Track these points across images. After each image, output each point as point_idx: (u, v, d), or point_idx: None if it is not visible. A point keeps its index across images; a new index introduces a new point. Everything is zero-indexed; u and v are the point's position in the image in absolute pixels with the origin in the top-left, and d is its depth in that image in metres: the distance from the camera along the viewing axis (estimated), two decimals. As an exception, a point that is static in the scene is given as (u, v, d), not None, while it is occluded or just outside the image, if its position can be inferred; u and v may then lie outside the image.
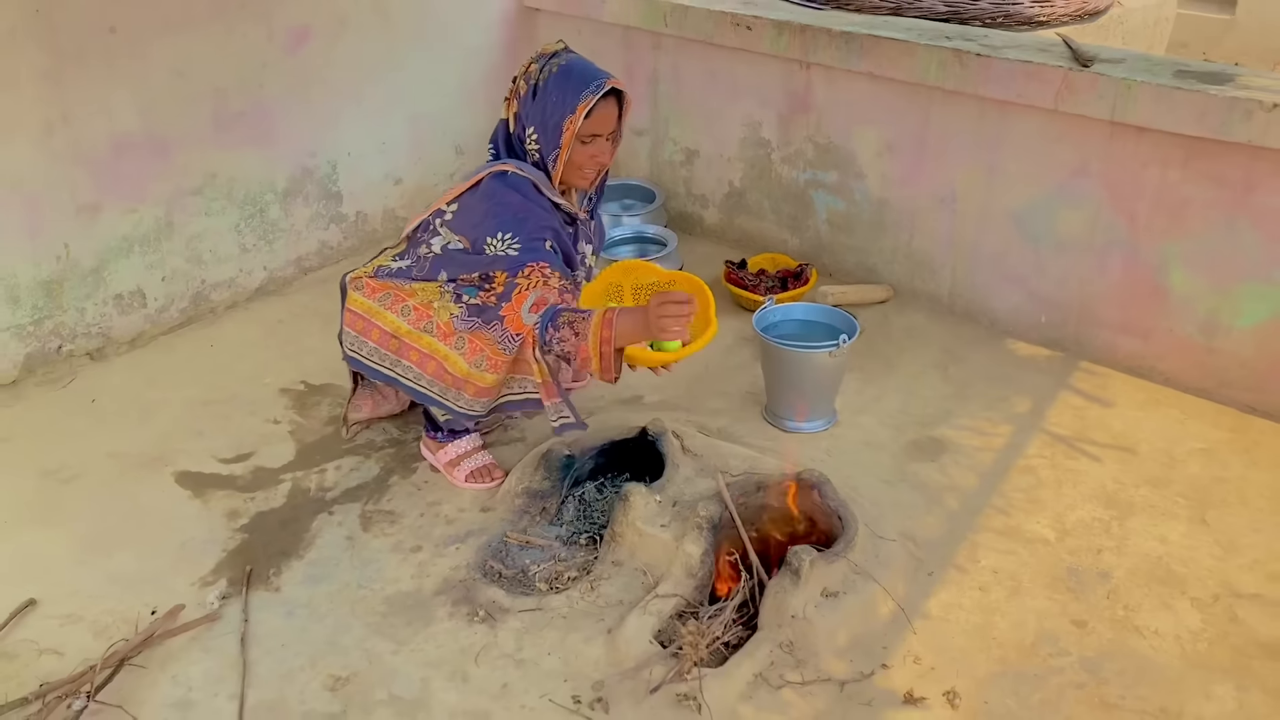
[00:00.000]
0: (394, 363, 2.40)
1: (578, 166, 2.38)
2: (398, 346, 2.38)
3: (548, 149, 2.34)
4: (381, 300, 2.40)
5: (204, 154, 3.21)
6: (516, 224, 2.30)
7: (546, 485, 2.50)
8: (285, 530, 2.45)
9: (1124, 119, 2.76)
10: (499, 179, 2.36)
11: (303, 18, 3.34)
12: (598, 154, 2.37)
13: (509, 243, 2.28)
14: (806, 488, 2.35)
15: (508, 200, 2.32)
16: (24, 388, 2.96)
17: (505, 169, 2.36)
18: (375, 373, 2.45)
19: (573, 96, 2.28)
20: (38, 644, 2.11)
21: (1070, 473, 2.62)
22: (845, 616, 2.11)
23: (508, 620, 2.16)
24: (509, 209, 2.31)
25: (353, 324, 2.44)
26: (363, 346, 2.44)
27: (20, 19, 2.72)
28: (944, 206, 3.25)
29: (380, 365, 2.43)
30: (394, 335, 2.37)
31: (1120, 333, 3.01)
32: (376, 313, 2.40)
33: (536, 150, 2.36)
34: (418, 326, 2.35)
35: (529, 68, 2.36)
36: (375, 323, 2.40)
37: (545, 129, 2.32)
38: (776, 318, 2.86)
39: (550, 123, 2.31)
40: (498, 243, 2.29)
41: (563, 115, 2.29)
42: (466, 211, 2.38)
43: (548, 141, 2.33)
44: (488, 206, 2.34)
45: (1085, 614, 2.19)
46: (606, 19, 3.83)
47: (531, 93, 2.33)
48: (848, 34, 3.22)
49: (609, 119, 2.36)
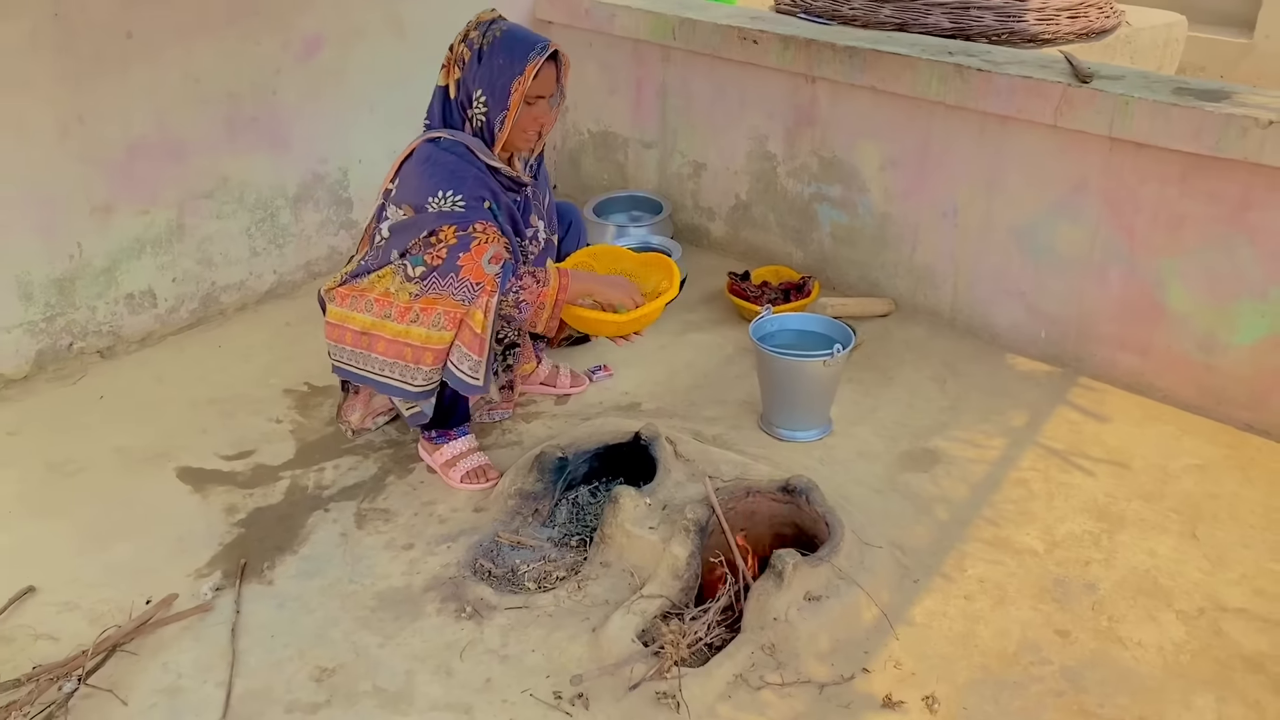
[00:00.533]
0: (365, 360, 2.45)
1: (522, 129, 2.47)
2: (368, 342, 2.44)
3: (495, 111, 2.42)
4: (351, 305, 2.46)
5: (217, 158, 3.28)
6: (456, 182, 2.39)
7: (539, 487, 2.53)
8: (281, 526, 2.49)
9: (1122, 135, 2.78)
10: (432, 144, 2.46)
11: (317, 26, 3.41)
12: (540, 115, 2.47)
13: (453, 200, 2.38)
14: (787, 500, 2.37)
15: (443, 160, 2.42)
16: (35, 383, 3.03)
17: (438, 135, 2.47)
18: (355, 375, 2.51)
19: (520, 59, 2.38)
20: (34, 629, 2.15)
21: (1062, 486, 2.63)
22: (827, 620, 2.12)
23: (494, 617, 2.19)
24: (445, 168, 2.41)
25: (330, 334, 2.51)
26: (341, 353, 2.50)
27: (40, 23, 2.79)
28: (945, 221, 3.27)
29: (355, 366, 2.49)
30: (364, 333, 2.44)
31: (1119, 349, 3.02)
32: (348, 317, 2.47)
33: (483, 114, 2.44)
34: (380, 316, 2.41)
35: (468, 34, 2.46)
36: (348, 327, 2.47)
37: (493, 91, 2.41)
38: (773, 327, 2.88)
39: (498, 84, 2.40)
40: (440, 200, 2.38)
41: (511, 77, 2.38)
42: (405, 179, 2.47)
43: (495, 104, 2.41)
44: (424, 169, 2.43)
45: (1069, 624, 2.19)
46: (617, 32, 3.88)
47: (476, 57, 2.42)
48: (852, 49, 3.25)
49: (551, 80, 2.47)
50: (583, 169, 4.31)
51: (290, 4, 3.31)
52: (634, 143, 4.07)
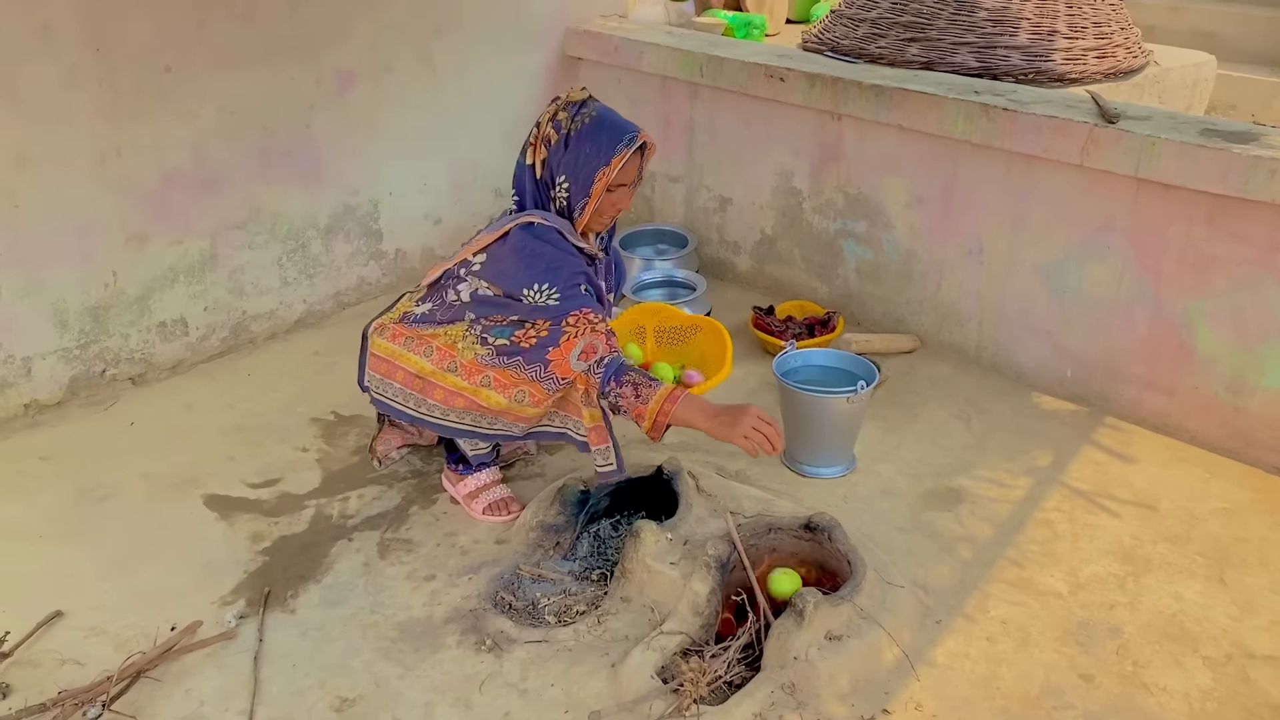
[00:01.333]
0: (419, 402, 2.44)
1: (601, 214, 2.43)
2: (422, 386, 2.42)
3: (577, 197, 2.38)
4: (406, 344, 2.45)
5: (250, 189, 3.34)
6: (552, 274, 2.33)
7: (561, 520, 2.54)
8: (305, 555, 2.51)
9: (1149, 175, 2.78)
10: (526, 230, 2.38)
11: (350, 62, 3.47)
12: (619, 201, 2.43)
13: (548, 293, 2.32)
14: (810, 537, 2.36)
15: (539, 251, 2.35)
16: (68, 409, 3.08)
17: (532, 220, 2.39)
18: (401, 413, 2.49)
19: (607, 149, 2.33)
20: (60, 654, 2.18)
21: (1088, 527, 2.61)
22: (848, 660, 2.11)
23: (514, 650, 2.19)
24: (542, 259, 2.34)
25: (377, 368, 2.50)
26: (388, 389, 2.49)
27: (82, 57, 2.86)
28: (971, 258, 3.27)
29: (405, 406, 2.48)
30: (418, 376, 2.42)
31: (1145, 389, 3.00)
32: (400, 355, 2.45)
33: (565, 198, 2.40)
34: (442, 366, 2.39)
35: (557, 115, 2.39)
36: (399, 365, 2.45)
37: (577, 178, 2.36)
38: (797, 363, 2.89)
39: (583, 173, 2.35)
40: (535, 294, 2.33)
41: (596, 166, 2.34)
42: (496, 262, 2.41)
43: (578, 190, 2.37)
44: (519, 259, 2.36)
45: (1093, 668, 2.17)
46: (645, 69, 3.93)
47: (564, 142, 2.36)
48: (878, 87, 3.27)
49: (634, 168, 2.42)
50: (610, 202, 4.35)
51: (325, 40, 3.38)
52: (661, 177, 4.11)
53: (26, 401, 3.03)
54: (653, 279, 3.68)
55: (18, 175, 2.84)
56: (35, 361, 3.01)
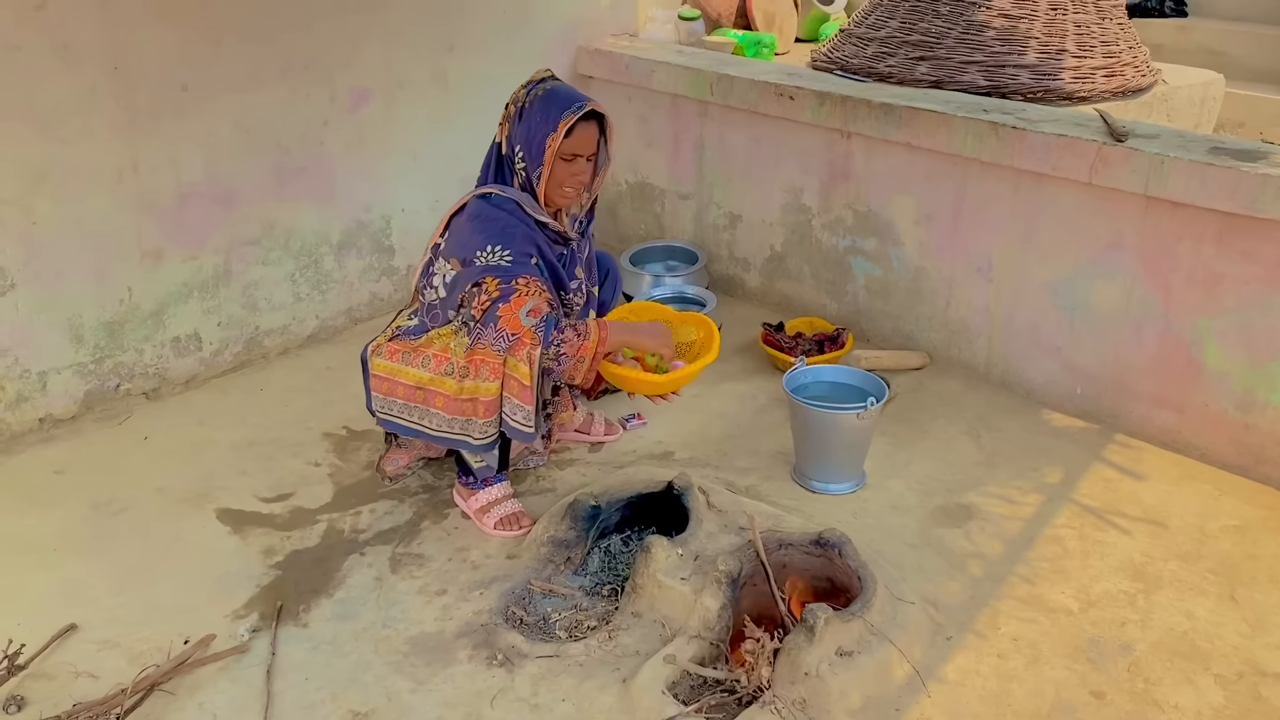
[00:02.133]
0: (421, 414, 2.48)
1: (559, 184, 2.52)
2: (424, 397, 2.46)
3: (532, 166, 2.49)
4: (404, 360, 2.49)
5: (264, 206, 3.37)
6: (505, 237, 2.45)
7: (572, 535, 2.55)
8: (317, 569, 2.52)
9: (1158, 193, 2.79)
10: (483, 200, 2.51)
11: (364, 80, 3.50)
12: (578, 173, 2.52)
13: (500, 254, 2.43)
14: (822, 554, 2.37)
15: (493, 216, 2.48)
16: (82, 423, 3.10)
17: (489, 191, 2.52)
18: (407, 430, 2.53)
19: (555, 116, 2.44)
20: (75, 666, 2.19)
21: (1098, 544, 2.61)
22: (859, 676, 2.11)
23: (525, 665, 2.20)
24: (495, 223, 2.46)
25: (379, 388, 2.53)
26: (392, 406, 2.52)
27: (100, 76, 2.90)
28: (980, 276, 3.28)
29: (409, 420, 2.51)
30: (419, 387, 2.46)
31: (1155, 406, 3.00)
32: (399, 371, 2.49)
33: (524, 168, 2.51)
34: (439, 372, 2.44)
35: (517, 93, 2.53)
36: (399, 381, 2.49)
37: (530, 147, 2.48)
38: (807, 379, 2.90)
39: (534, 140, 2.46)
40: (487, 254, 2.43)
41: (545, 133, 2.45)
42: (455, 233, 2.53)
43: (532, 160, 2.48)
44: (474, 224, 2.48)
45: (1104, 685, 2.17)
46: (656, 87, 3.96)
47: (518, 114, 2.50)
48: (887, 105, 3.30)
49: (588, 140, 2.52)
50: (620, 219, 4.37)
51: (339, 59, 3.42)
52: (671, 194, 4.13)
53: (42, 416, 3.05)
54: (663, 295, 3.70)
55: (36, 192, 2.87)
56: (50, 376, 3.04)
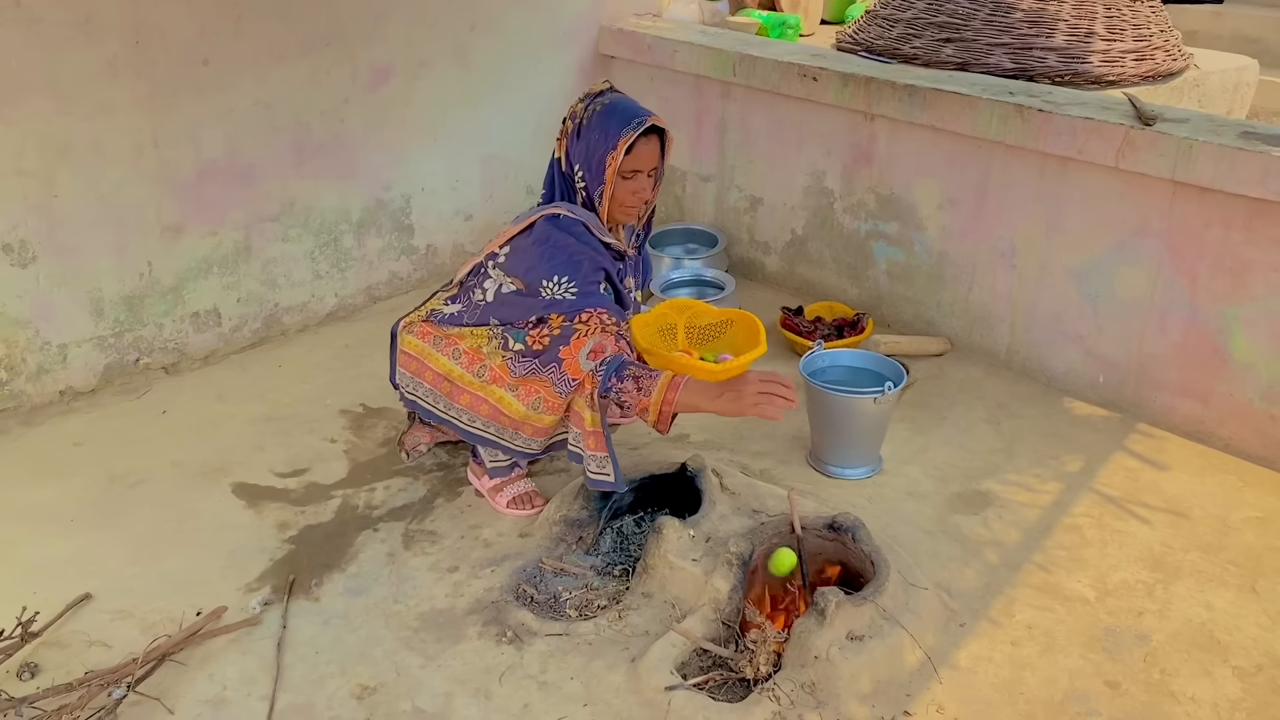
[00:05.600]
0: (447, 405, 2.47)
1: (621, 203, 2.43)
2: (450, 389, 2.45)
3: (593, 185, 2.40)
4: (434, 343, 2.47)
5: (284, 183, 3.37)
6: (572, 267, 2.35)
7: (585, 515, 2.54)
8: (330, 544, 2.52)
9: (1186, 178, 2.74)
10: (551, 221, 2.40)
11: (386, 57, 3.50)
12: (639, 190, 2.42)
13: (565, 286, 2.33)
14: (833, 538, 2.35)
15: (562, 243, 2.37)
16: (102, 396, 3.12)
17: (557, 211, 2.41)
18: (430, 414, 2.52)
19: (614, 133, 2.34)
20: (88, 636, 2.21)
21: (1117, 534, 2.57)
22: (870, 661, 2.09)
23: (534, 643, 2.20)
24: (564, 252, 2.36)
25: (406, 365, 2.52)
26: (418, 388, 2.51)
27: (121, 50, 2.90)
28: (1003, 261, 3.24)
29: (434, 407, 2.50)
30: (446, 378, 2.45)
31: (1179, 395, 2.96)
32: (429, 355, 2.47)
33: (584, 188, 2.42)
34: (470, 371, 2.41)
35: (575, 107, 2.43)
36: (428, 365, 2.47)
37: (589, 166, 2.38)
38: (825, 363, 2.87)
39: (594, 159, 2.37)
40: (554, 286, 2.34)
41: (605, 151, 2.35)
42: (519, 254, 2.42)
43: (592, 178, 2.39)
44: (542, 250, 2.37)
45: (1120, 675, 2.14)
46: (678, 67, 3.93)
47: (576, 131, 2.40)
48: (911, 87, 3.25)
49: (650, 156, 2.40)
50: (641, 201, 4.35)
51: (361, 36, 3.41)
52: (692, 176, 4.10)
53: (62, 388, 3.07)
54: (681, 278, 3.68)
55: (57, 165, 2.88)
56: (71, 349, 3.06)
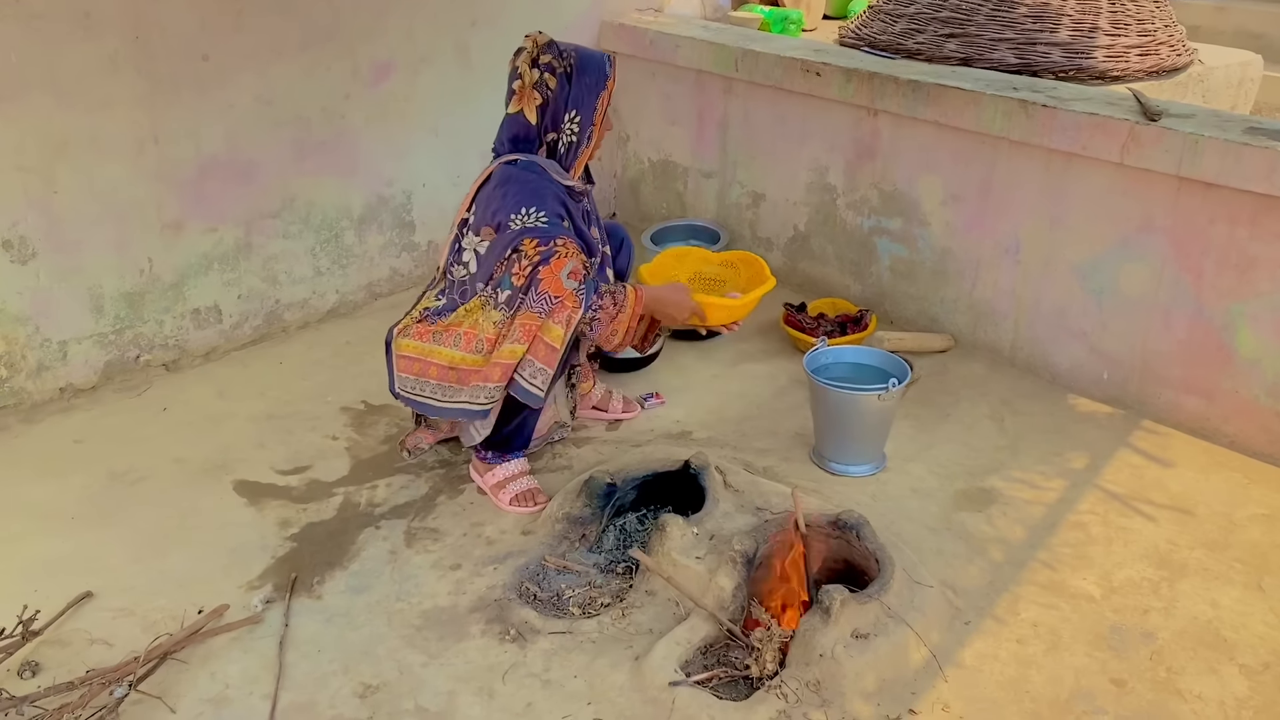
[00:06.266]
0: (456, 392, 2.45)
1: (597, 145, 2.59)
2: (458, 377, 2.44)
3: (585, 126, 2.53)
4: (434, 339, 2.47)
5: (285, 179, 3.36)
6: (538, 199, 2.44)
7: (587, 512, 2.53)
8: (332, 541, 2.51)
9: (1191, 174, 2.72)
10: (509, 165, 2.52)
11: (386, 53, 3.48)
12: (608, 123, 2.61)
13: (535, 215, 2.42)
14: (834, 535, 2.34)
15: (523, 179, 2.48)
16: (102, 393, 3.11)
17: (513, 158, 2.52)
18: (441, 410, 2.50)
19: (601, 73, 2.52)
20: (90, 634, 2.20)
21: (1122, 531, 2.56)
22: (874, 659, 2.09)
23: (538, 641, 2.19)
24: (527, 185, 2.46)
25: (408, 369, 2.50)
26: (424, 387, 2.49)
27: (121, 45, 2.89)
28: (1007, 257, 3.22)
29: (445, 401, 2.48)
30: (452, 367, 2.44)
31: (1184, 392, 2.94)
32: (431, 351, 2.47)
33: (574, 132, 2.53)
34: (471, 350, 2.42)
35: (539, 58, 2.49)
36: (432, 361, 2.46)
37: (583, 108, 2.52)
38: (828, 359, 2.86)
39: (587, 100, 2.51)
40: (523, 217, 2.42)
41: (597, 92, 2.52)
42: (484, 204, 2.50)
43: (586, 120, 2.53)
44: (505, 189, 2.47)
45: (1125, 673, 2.13)
46: (680, 63, 3.91)
47: (566, 79, 2.50)
48: (915, 83, 3.24)
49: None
50: (642, 197, 4.34)
51: (362, 32, 3.39)
52: (693, 172, 4.09)
53: (62, 385, 3.06)
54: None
55: (57, 161, 2.87)
56: (71, 346, 3.05)
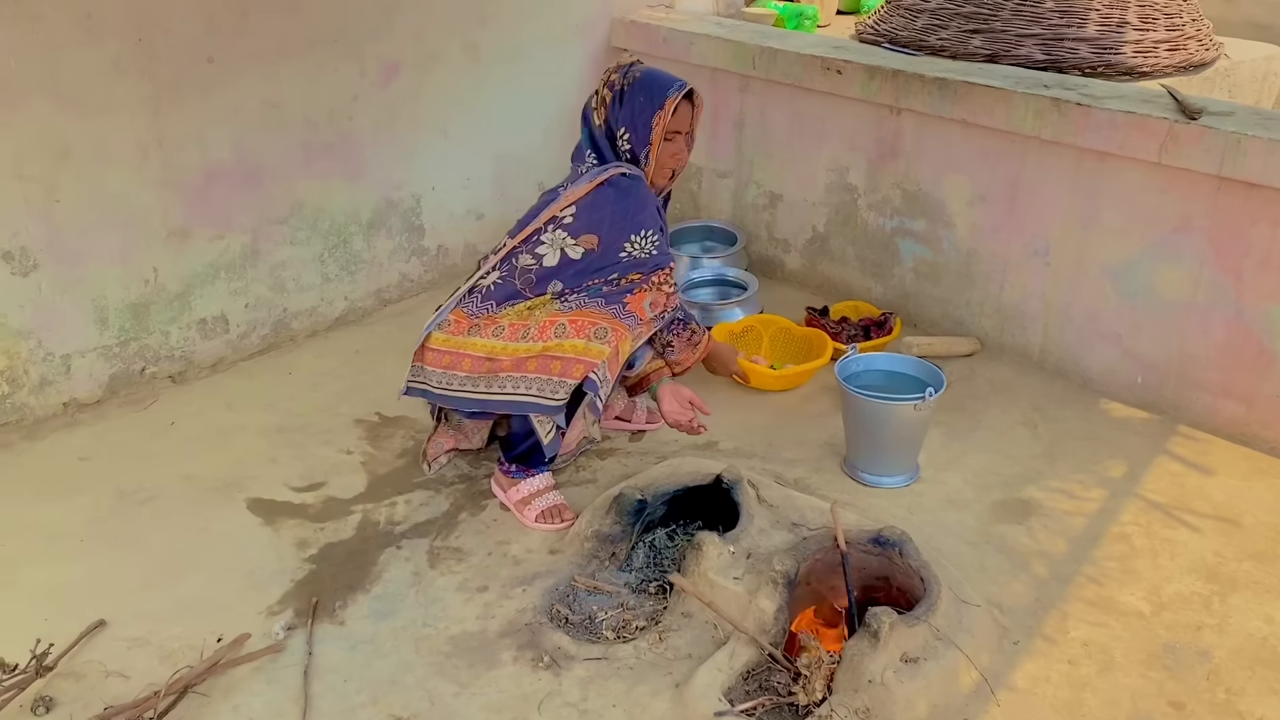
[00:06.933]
0: (489, 383, 2.39)
1: (661, 165, 2.53)
2: (490, 366, 2.39)
3: (639, 146, 2.49)
4: (470, 332, 2.43)
5: (292, 184, 3.26)
6: (655, 223, 2.46)
7: (617, 530, 2.44)
8: (353, 562, 2.42)
9: (1233, 174, 2.65)
10: (630, 179, 2.48)
11: (394, 53, 3.38)
12: (678, 151, 2.55)
13: (652, 240, 2.45)
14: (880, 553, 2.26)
15: (645, 198, 2.48)
16: (107, 408, 3.01)
17: (631, 171, 2.49)
18: (468, 402, 2.43)
19: (659, 95, 2.46)
20: (105, 665, 2.11)
21: (1167, 543, 2.49)
22: (925, 684, 2.01)
23: (573, 668, 2.10)
24: (648, 206, 2.47)
25: (438, 362, 2.45)
26: (453, 380, 2.44)
27: (123, 49, 2.79)
28: (1036, 259, 3.15)
29: (474, 392, 2.41)
30: (488, 358, 2.40)
31: (1222, 397, 2.87)
32: (465, 344, 2.43)
33: (628, 149, 2.51)
34: (515, 339, 2.40)
35: (610, 78, 2.54)
36: (465, 353, 2.42)
37: (635, 128, 2.48)
38: (859, 368, 2.78)
39: (640, 121, 2.47)
40: (641, 239, 2.44)
41: (652, 113, 2.46)
42: (593, 210, 2.46)
43: (639, 140, 2.49)
44: (627, 204, 2.45)
45: (1183, 695, 2.06)
46: (694, 60, 3.82)
47: (618, 98, 2.50)
48: (942, 80, 3.15)
49: (686, 118, 2.54)
50: (654, 198, 4.24)
51: (370, 31, 3.29)
52: (708, 172, 4.00)
53: (65, 400, 2.96)
54: (702, 278, 3.58)
55: (58, 169, 2.77)
56: (74, 359, 2.95)
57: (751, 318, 3.32)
